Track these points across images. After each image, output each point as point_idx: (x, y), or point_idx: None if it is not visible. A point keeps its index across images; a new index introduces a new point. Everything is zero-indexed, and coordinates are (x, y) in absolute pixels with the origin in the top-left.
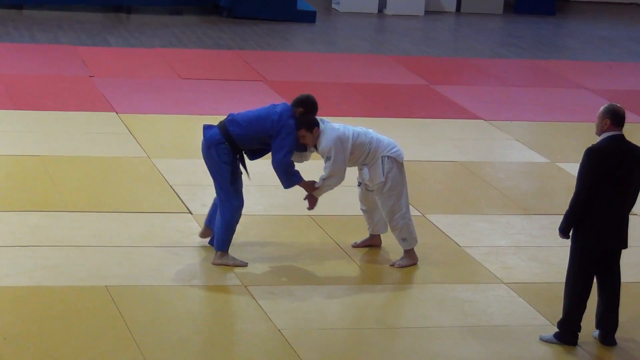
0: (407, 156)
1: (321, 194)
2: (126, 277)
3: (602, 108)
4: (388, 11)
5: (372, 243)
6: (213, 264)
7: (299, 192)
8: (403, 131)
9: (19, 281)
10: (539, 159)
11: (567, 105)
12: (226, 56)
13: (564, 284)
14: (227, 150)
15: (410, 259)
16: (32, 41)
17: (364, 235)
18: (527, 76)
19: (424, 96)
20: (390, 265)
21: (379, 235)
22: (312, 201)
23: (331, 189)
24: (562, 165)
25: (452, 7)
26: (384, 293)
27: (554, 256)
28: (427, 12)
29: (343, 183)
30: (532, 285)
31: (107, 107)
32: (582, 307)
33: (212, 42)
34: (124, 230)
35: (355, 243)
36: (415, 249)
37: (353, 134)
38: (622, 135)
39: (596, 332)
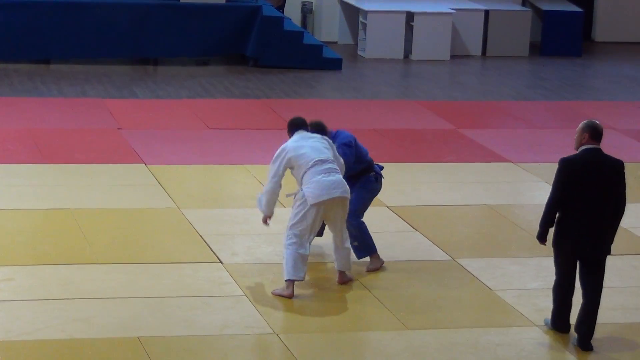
0: (437, 200)
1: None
2: (158, 327)
3: (581, 124)
4: (414, 57)
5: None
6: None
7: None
8: (432, 175)
9: (52, 334)
10: None
11: None
12: (253, 105)
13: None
14: None
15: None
16: (60, 95)
17: None
18: (555, 118)
19: (452, 140)
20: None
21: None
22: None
23: (261, 199)
24: None
25: (477, 51)
26: (416, 338)
27: None
28: (452, 57)
29: None
30: None
31: (136, 158)
32: (567, 306)
33: (239, 92)
34: (155, 282)
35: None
36: (447, 293)
37: (295, 149)
38: (599, 149)
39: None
